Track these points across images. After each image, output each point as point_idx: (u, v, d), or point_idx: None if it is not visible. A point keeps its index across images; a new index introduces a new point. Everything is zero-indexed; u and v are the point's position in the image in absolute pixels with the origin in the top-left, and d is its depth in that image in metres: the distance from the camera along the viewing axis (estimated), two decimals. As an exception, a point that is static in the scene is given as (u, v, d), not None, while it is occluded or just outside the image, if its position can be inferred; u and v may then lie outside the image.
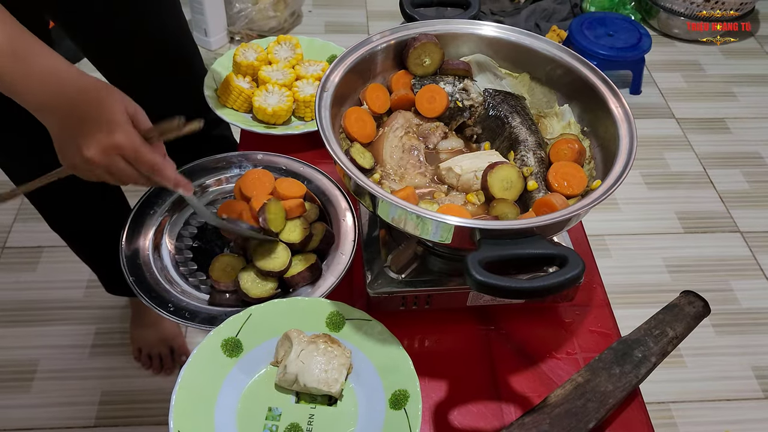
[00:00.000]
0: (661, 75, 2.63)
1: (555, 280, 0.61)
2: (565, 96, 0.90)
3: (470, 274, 0.60)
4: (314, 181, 0.98)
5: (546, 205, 0.75)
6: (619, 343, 0.81)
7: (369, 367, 0.77)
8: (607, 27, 2.48)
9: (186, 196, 0.83)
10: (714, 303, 0.85)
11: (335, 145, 0.73)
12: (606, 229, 2.04)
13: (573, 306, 0.90)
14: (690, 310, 0.84)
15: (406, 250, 0.83)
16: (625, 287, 1.88)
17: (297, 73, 1.17)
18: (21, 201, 1.97)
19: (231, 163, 1.01)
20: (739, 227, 2.07)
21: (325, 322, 0.80)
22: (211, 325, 0.80)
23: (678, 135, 2.39)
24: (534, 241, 0.65)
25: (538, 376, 0.82)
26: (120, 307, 1.73)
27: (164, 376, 1.61)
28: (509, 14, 2.76)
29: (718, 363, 1.71)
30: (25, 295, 1.76)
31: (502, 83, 0.93)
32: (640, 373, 0.77)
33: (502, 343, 0.86)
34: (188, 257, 0.92)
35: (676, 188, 2.19)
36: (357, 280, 0.89)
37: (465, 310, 0.88)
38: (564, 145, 0.84)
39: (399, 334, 0.78)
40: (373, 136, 0.88)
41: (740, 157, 2.31)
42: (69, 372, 1.61)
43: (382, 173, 0.83)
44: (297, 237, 0.87)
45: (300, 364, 0.74)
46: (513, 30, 0.91)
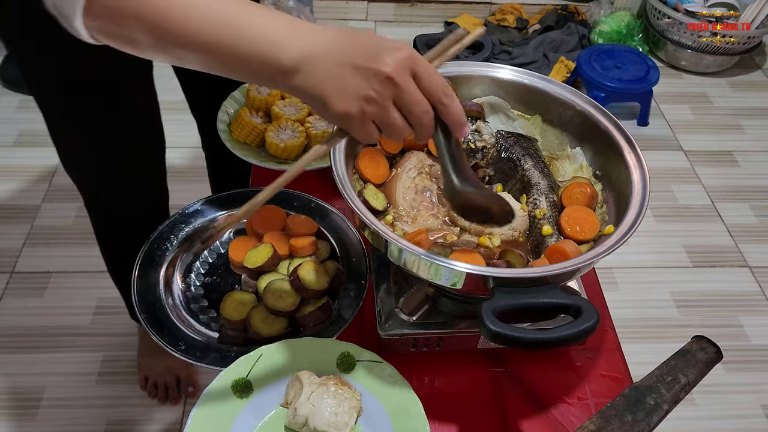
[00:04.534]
0: (669, 107, 2.64)
1: (569, 332, 0.61)
2: (577, 139, 0.91)
3: (485, 324, 0.60)
4: (326, 218, 0.98)
5: (558, 252, 0.75)
6: (631, 389, 0.80)
7: (379, 410, 0.77)
8: (615, 59, 2.50)
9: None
10: (723, 339, 0.85)
11: (350, 190, 0.74)
12: (614, 262, 2.03)
13: (584, 349, 0.89)
14: (702, 356, 0.84)
15: (417, 292, 0.83)
16: (633, 321, 1.87)
17: (309, 109, 1.18)
18: (30, 225, 1.99)
19: (243, 199, 1.01)
20: (748, 262, 2.06)
21: (336, 363, 0.80)
22: (222, 365, 0.80)
23: (686, 167, 2.39)
24: (548, 290, 0.65)
25: (549, 422, 0.81)
26: (127, 334, 1.72)
27: (169, 406, 1.60)
28: (518, 44, 2.78)
29: (727, 401, 1.70)
30: (33, 321, 1.76)
31: (514, 125, 0.93)
32: (653, 421, 0.77)
33: (513, 386, 0.85)
34: (199, 294, 0.92)
35: (684, 221, 2.19)
36: (368, 321, 0.89)
37: (476, 352, 0.87)
38: (576, 188, 0.84)
39: (409, 375, 0.78)
40: (386, 177, 0.88)
41: (749, 190, 2.31)
42: (75, 400, 1.60)
43: (395, 215, 0.84)
44: (321, 285, 0.86)
45: (310, 406, 0.74)
46: (526, 73, 0.92)
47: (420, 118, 0.61)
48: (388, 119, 0.61)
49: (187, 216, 0.98)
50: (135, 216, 1.25)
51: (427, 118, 0.62)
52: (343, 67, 0.59)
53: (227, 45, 0.59)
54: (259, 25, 0.60)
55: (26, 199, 2.07)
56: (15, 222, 2.01)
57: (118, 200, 1.24)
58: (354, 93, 0.59)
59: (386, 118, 0.61)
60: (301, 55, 0.60)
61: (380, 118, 0.61)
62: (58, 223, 2.01)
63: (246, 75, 0.63)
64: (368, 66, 0.59)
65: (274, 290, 0.85)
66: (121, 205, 1.26)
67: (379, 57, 0.59)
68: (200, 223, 0.98)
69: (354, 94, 0.59)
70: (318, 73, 0.60)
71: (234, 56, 0.60)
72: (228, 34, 0.59)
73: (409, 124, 0.62)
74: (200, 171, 2.01)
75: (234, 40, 0.59)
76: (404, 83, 0.59)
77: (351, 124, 0.61)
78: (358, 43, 0.60)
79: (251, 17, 0.60)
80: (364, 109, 0.60)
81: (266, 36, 0.60)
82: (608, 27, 2.78)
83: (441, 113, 0.63)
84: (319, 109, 0.62)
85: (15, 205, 2.06)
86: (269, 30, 0.60)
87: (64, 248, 1.94)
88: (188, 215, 0.98)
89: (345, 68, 0.59)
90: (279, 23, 0.60)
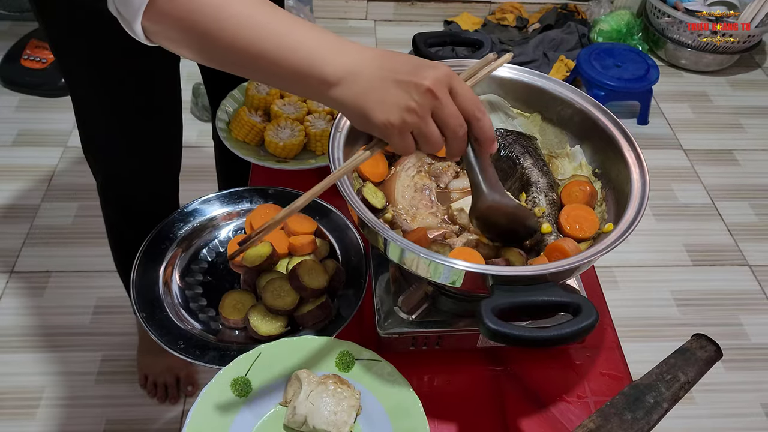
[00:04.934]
0: (669, 106, 2.64)
1: (568, 330, 0.60)
2: (576, 137, 0.91)
3: (484, 322, 0.60)
4: (325, 216, 0.98)
5: (558, 250, 0.75)
6: (630, 387, 0.80)
7: (378, 408, 0.77)
8: (614, 58, 2.49)
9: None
10: (723, 338, 0.85)
11: (348, 188, 0.74)
12: (614, 261, 2.03)
13: (583, 348, 0.89)
14: (702, 354, 0.83)
15: (416, 291, 0.83)
16: (633, 320, 1.87)
17: (309, 107, 1.18)
18: (30, 225, 1.99)
19: (242, 198, 1.01)
20: (748, 261, 2.06)
21: (335, 362, 0.80)
22: (221, 363, 0.80)
23: (686, 166, 2.39)
24: (547, 288, 0.65)
25: (549, 421, 0.81)
26: (127, 333, 1.72)
27: (169, 405, 1.60)
28: (517, 43, 2.78)
29: (727, 400, 1.70)
30: (32, 320, 1.76)
31: (513, 123, 0.93)
32: (652, 419, 0.76)
33: (512, 385, 0.85)
34: (198, 293, 0.92)
35: (685, 220, 2.19)
36: (367, 319, 0.89)
37: (475, 351, 0.87)
38: (575, 187, 0.84)
39: (408, 373, 0.78)
40: (385, 175, 0.88)
41: (749, 189, 2.31)
42: (75, 399, 1.60)
43: (394, 213, 0.84)
44: (320, 284, 0.86)
45: (309, 405, 0.74)
46: (525, 71, 0.92)
47: (455, 131, 0.65)
48: (426, 130, 0.64)
49: (186, 215, 0.98)
50: (149, 206, 1.27)
51: (462, 132, 0.65)
52: (384, 80, 0.63)
53: (277, 58, 0.63)
54: (309, 42, 0.64)
55: (26, 199, 2.07)
56: (14, 222, 2.00)
57: (136, 187, 1.27)
58: (395, 104, 0.63)
59: (424, 129, 0.64)
60: (345, 69, 0.64)
61: (419, 129, 0.64)
62: (58, 222, 2.01)
63: (290, 86, 0.67)
64: (409, 80, 0.62)
65: (273, 289, 0.85)
66: (138, 191, 1.28)
67: (419, 72, 0.62)
68: (199, 222, 0.98)
69: (396, 105, 0.63)
70: (360, 85, 0.64)
71: (281, 68, 0.64)
72: (278, 47, 0.63)
73: (443, 136, 0.65)
74: (203, 170, 2.02)
75: (284, 54, 0.63)
76: (443, 97, 0.63)
77: (391, 134, 0.64)
78: (399, 61, 0.64)
79: (302, 35, 0.64)
80: (405, 119, 0.63)
81: (316, 51, 0.64)
82: (608, 26, 2.78)
83: (474, 128, 0.66)
84: (359, 120, 0.66)
85: (14, 204, 2.06)
86: (318, 45, 0.64)
87: (63, 248, 1.94)
88: (187, 214, 0.98)
89: (386, 81, 0.63)
90: (327, 39, 0.65)
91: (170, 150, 1.27)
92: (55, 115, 2.35)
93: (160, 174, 1.28)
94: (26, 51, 2.50)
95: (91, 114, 1.14)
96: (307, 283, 0.83)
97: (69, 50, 1.03)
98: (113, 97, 1.09)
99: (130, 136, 1.15)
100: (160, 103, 1.16)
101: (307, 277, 0.84)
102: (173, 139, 1.25)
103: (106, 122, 1.14)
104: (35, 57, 2.48)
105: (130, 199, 1.29)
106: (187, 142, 2.14)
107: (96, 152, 1.22)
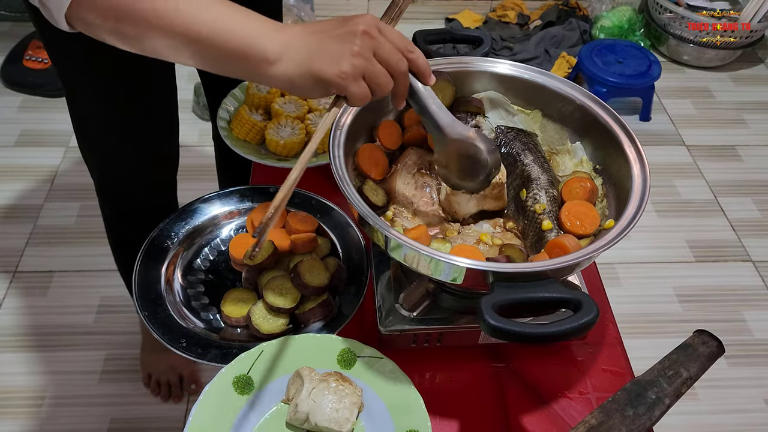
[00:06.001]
0: (671, 102, 2.64)
1: (569, 326, 0.60)
2: (577, 133, 0.91)
3: (484, 319, 0.60)
4: (326, 214, 0.98)
5: (558, 246, 0.75)
6: (632, 383, 0.80)
7: (380, 405, 0.77)
8: (616, 54, 2.49)
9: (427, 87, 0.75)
10: (726, 334, 0.85)
11: (349, 186, 0.74)
12: (616, 257, 2.03)
13: (585, 344, 0.89)
14: (704, 350, 0.83)
15: (418, 288, 0.83)
16: (635, 316, 1.87)
17: (309, 105, 1.18)
18: (33, 224, 1.99)
19: (243, 196, 1.01)
20: (751, 256, 2.06)
21: (337, 359, 0.80)
22: (223, 361, 0.80)
23: (688, 162, 2.38)
24: (547, 284, 0.65)
25: (550, 417, 0.81)
26: (130, 332, 1.73)
27: (172, 404, 1.61)
28: (519, 40, 2.78)
29: (730, 396, 1.70)
30: (36, 320, 1.76)
31: (514, 120, 0.93)
32: (654, 415, 0.76)
33: (514, 381, 0.85)
34: (200, 291, 0.92)
35: (687, 216, 2.19)
36: (368, 317, 0.89)
37: (476, 348, 0.87)
38: (576, 183, 0.84)
39: (410, 371, 0.78)
40: (386, 173, 0.88)
41: (751, 185, 2.31)
42: (78, 398, 1.61)
43: (395, 211, 0.84)
44: (322, 281, 0.86)
45: (311, 402, 0.74)
46: (525, 68, 0.92)
47: (398, 65, 0.69)
48: (375, 69, 0.67)
49: (187, 213, 0.98)
50: (146, 204, 1.28)
51: (404, 66, 0.70)
52: (321, 41, 0.67)
53: (217, 40, 0.65)
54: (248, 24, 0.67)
55: (28, 199, 2.08)
56: (17, 222, 2.01)
57: (132, 185, 1.27)
58: (341, 54, 0.66)
59: (373, 69, 0.67)
60: (282, 43, 0.66)
61: (368, 71, 0.67)
62: (61, 222, 2.01)
63: (230, 67, 0.69)
64: (344, 30, 0.67)
65: (274, 287, 0.85)
66: (134, 190, 1.28)
67: (348, 22, 0.67)
68: (201, 221, 0.98)
69: (341, 55, 0.66)
70: (301, 53, 0.67)
71: (222, 49, 0.66)
72: (217, 30, 0.65)
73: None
74: (203, 170, 2.02)
75: (224, 36, 0.65)
76: (378, 36, 0.67)
77: (347, 83, 0.67)
78: (325, 22, 0.69)
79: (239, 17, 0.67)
80: (354, 64, 0.66)
81: (255, 31, 0.66)
82: (610, 22, 2.77)
83: (410, 63, 0.71)
84: (312, 84, 0.67)
85: (17, 204, 2.07)
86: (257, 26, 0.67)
87: (66, 247, 1.95)
88: (189, 212, 0.98)
89: (324, 40, 0.67)
90: (263, 21, 0.68)
91: (166, 150, 1.27)
92: (57, 115, 2.35)
93: (156, 173, 1.28)
94: (28, 51, 2.50)
95: (86, 114, 1.14)
96: (309, 281, 0.84)
97: (64, 54, 1.04)
98: (108, 98, 1.09)
99: (125, 136, 1.15)
100: (155, 103, 1.15)
101: (309, 275, 0.84)
102: (169, 139, 1.25)
103: (102, 123, 1.14)
104: (37, 57, 2.48)
105: (126, 197, 1.29)
106: (188, 141, 2.16)
107: (92, 151, 1.23)
